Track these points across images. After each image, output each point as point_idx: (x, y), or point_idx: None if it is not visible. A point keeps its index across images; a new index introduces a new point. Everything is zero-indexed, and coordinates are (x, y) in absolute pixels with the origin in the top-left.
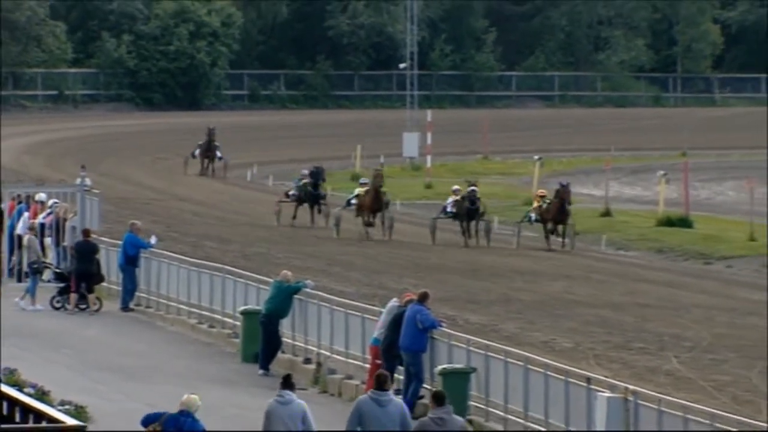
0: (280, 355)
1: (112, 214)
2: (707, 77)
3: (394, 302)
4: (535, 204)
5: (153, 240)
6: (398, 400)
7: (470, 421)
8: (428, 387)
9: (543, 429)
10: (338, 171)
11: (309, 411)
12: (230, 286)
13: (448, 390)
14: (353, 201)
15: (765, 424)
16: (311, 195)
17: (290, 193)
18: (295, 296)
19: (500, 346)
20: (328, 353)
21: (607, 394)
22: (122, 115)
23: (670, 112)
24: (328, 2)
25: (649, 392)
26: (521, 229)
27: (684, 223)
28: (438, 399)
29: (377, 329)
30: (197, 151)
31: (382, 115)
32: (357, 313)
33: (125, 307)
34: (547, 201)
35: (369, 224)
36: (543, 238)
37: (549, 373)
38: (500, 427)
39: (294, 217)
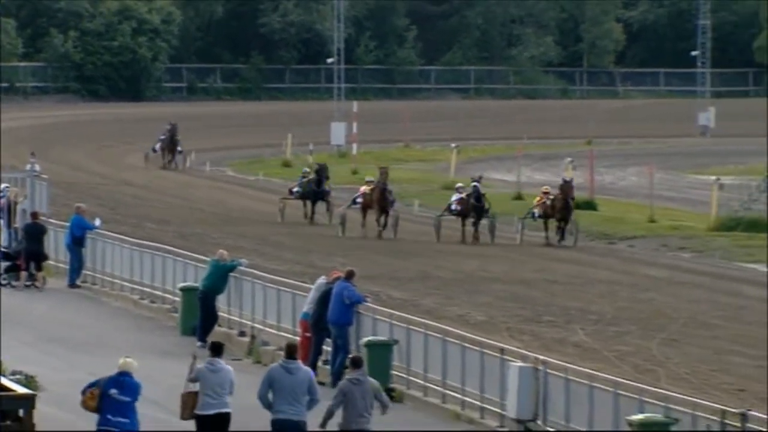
0: (216, 328)
1: (59, 198)
2: (610, 72)
3: (322, 279)
4: (537, 200)
5: (97, 222)
6: (306, 368)
7: (393, 389)
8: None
9: (459, 396)
10: (270, 158)
11: (234, 377)
12: (170, 265)
13: (372, 360)
14: (359, 200)
15: (664, 391)
16: (315, 192)
17: (294, 190)
18: (231, 274)
19: (420, 319)
20: (261, 327)
21: (519, 363)
22: (69, 106)
23: (577, 104)
24: (261, 1)
25: (558, 362)
26: (524, 225)
27: (589, 205)
28: (355, 362)
29: (307, 304)
30: (158, 146)
31: (311, 106)
32: (288, 290)
33: (72, 284)
34: (551, 197)
35: (377, 223)
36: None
37: (465, 344)
38: (420, 394)
39: (305, 216)
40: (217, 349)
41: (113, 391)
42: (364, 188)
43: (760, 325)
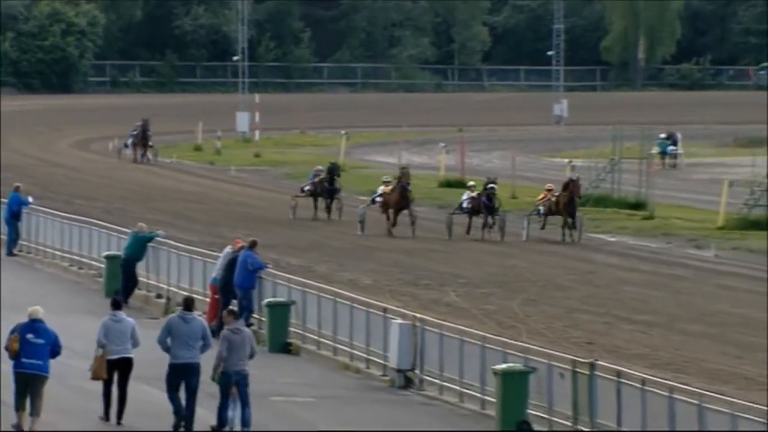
0: (136, 291)
1: None
2: (478, 69)
3: (228, 249)
4: (541, 197)
5: (30, 199)
6: (200, 318)
7: (290, 343)
8: (257, 316)
9: (348, 349)
10: (183, 143)
11: (137, 327)
12: (95, 236)
13: (273, 319)
14: (378, 198)
15: (524, 344)
16: (326, 190)
17: (305, 188)
18: (149, 244)
19: (315, 283)
20: (175, 290)
21: (399, 321)
22: (7, 98)
23: (449, 97)
24: (174, 6)
25: (433, 319)
26: (530, 221)
27: (460, 184)
28: (233, 314)
29: (215, 270)
30: (130, 141)
31: (218, 98)
32: (199, 258)
33: (10, 253)
34: (556, 194)
35: (392, 222)
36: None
37: (353, 305)
38: (314, 348)
39: (316, 212)
40: (116, 304)
41: (29, 336)
42: (382, 188)
43: (606, 287)
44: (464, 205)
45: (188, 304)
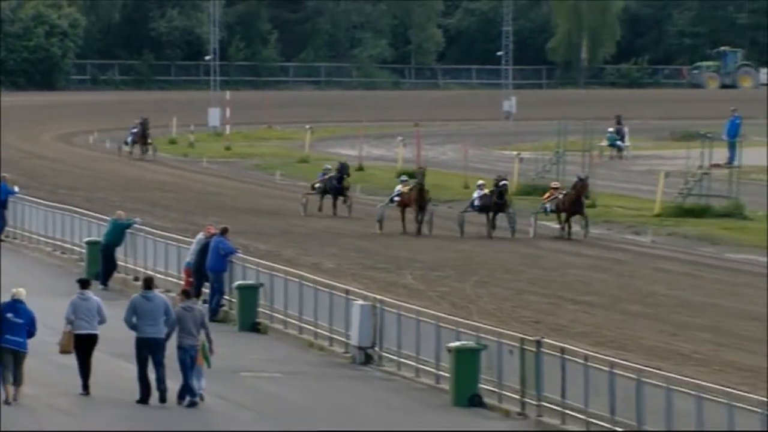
0: (115, 274)
1: None
2: (433, 68)
3: (201, 235)
4: (547, 195)
5: (16, 188)
6: (161, 295)
7: (259, 323)
8: (227, 298)
9: (313, 328)
10: (159, 137)
11: (102, 305)
12: (77, 223)
13: (242, 300)
14: (396, 198)
15: (475, 323)
16: (335, 188)
17: (316, 185)
18: (127, 230)
19: (281, 267)
20: (152, 273)
21: (360, 302)
22: None
23: (406, 94)
24: (150, 9)
25: (391, 300)
26: (536, 218)
27: (412, 174)
28: (185, 293)
29: (189, 255)
30: (130, 138)
31: (192, 95)
32: (174, 243)
33: None
34: (563, 193)
35: (416, 220)
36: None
37: (317, 287)
38: (281, 327)
39: (320, 209)
40: (84, 283)
41: (9, 315)
42: (400, 187)
43: (552, 270)
44: (475, 203)
45: (148, 284)
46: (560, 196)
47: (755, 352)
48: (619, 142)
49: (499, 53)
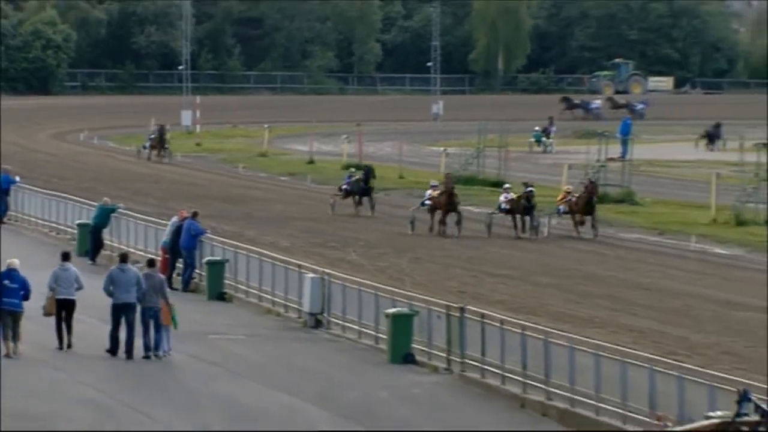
0: (102, 252)
1: None
2: (373, 76)
3: (175, 218)
4: (560, 197)
5: (17, 178)
6: (135, 268)
7: (225, 293)
8: (198, 272)
9: (270, 297)
10: (140, 134)
11: (80, 274)
12: (70, 208)
13: (211, 274)
14: (427, 202)
15: (409, 293)
16: (362, 189)
17: (343, 187)
18: (113, 214)
19: (244, 245)
20: (134, 251)
21: (311, 275)
22: None
23: (350, 99)
24: (132, 26)
25: (338, 274)
26: (550, 219)
27: (359, 167)
28: (150, 263)
29: (165, 235)
30: (148, 143)
31: (167, 99)
32: (152, 225)
33: (0, 222)
34: (575, 195)
35: (442, 222)
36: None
37: (275, 262)
38: (243, 296)
39: (353, 209)
40: (65, 256)
41: (6, 281)
42: (430, 192)
43: (476, 249)
44: (502, 206)
45: (124, 258)
46: (573, 198)
47: (645, 316)
48: (543, 139)
49: (429, 64)
